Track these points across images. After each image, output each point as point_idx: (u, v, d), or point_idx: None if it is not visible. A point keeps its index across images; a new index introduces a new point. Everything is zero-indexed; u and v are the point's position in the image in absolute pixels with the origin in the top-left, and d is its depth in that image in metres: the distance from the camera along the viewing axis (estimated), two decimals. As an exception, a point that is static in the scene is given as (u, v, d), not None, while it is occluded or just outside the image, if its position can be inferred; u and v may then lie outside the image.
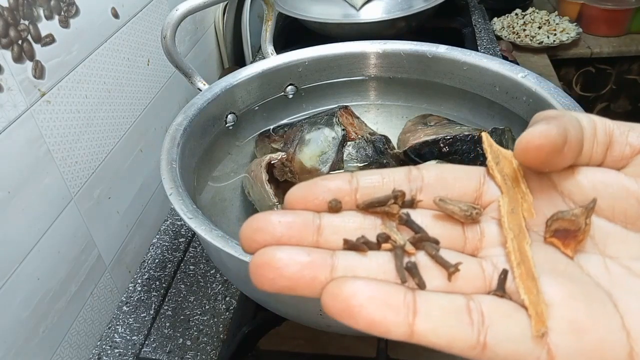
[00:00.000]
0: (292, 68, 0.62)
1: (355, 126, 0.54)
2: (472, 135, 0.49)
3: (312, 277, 0.18)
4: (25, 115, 0.49)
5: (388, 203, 0.20)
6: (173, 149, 0.47)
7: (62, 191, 0.55)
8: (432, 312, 0.17)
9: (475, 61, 0.57)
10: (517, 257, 0.19)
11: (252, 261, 0.18)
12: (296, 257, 0.18)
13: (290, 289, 0.18)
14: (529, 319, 0.17)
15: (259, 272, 0.18)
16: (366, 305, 0.16)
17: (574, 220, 0.19)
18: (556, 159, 0.19)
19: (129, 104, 0.67)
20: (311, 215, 0.19)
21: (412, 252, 0.19)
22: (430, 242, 0.19)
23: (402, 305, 0.17)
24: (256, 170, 0.50)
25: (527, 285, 0.18)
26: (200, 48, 0.92)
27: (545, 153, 0.19)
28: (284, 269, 0.17)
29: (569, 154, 0.19)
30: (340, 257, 0.18)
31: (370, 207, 0.20)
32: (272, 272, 0.17)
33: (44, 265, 0.52)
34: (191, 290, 0.59)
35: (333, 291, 0.17)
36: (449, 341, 0.17)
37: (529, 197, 0.20)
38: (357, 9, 0.93)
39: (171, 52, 0.55)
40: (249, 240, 0.18)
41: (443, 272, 0.19)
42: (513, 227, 0.20)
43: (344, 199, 0.20)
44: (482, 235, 0.20)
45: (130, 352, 0.54)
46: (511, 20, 1.51)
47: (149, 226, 0.72)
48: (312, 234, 0.19)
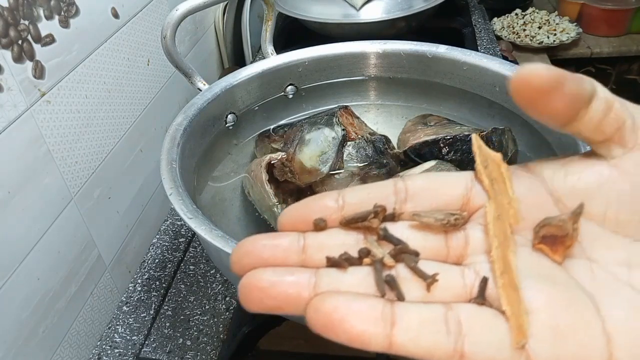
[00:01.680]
0: (292, 68, 0.62)
1: (355, 126, 0.54)
2: (472, 135, 0.49)
3: (297, 296, 0.18)
4: (25, 115, 0.49)
5: (368, 218, 0.20)
6: (173, 149, 0.47)
7: (62, 191, 0.55)
8: (410, 323, 0.17)
9: (475, 61, 0.57)
10: (500, 266, 0.19)
11: (241, 284, 0.19)
12: (280, 278, 0.18)
13: (277, 308, 0.18)
14: (508, 327, 0.17)
15: (247, 293, 0.18)
16: (346, 319, 0.17)
17: (562, 226, 0.19)
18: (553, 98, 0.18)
19: (129, 104, 0.67)
20: (296, 235, 0.20)
21: (392, 265, 0.19)
22: (409, 254, 0.20)
23: (380, 318, 0.17)
24: (256, 170, 0.50)
25: (509, 295, 0.18)
26: (200, 48, 0.92)
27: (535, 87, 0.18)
28: (270, 290, 0.18)
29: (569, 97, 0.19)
30: (323, 274, 0.19)
31: (352, 223, 0.20)
32: (259, 293, 0.18)
33: (44, 265, 0.52)
34: (191, 290, 0.59)
35: (315, 307, 0.17)
36: (427, 351, 0.17)
37: (515, 203, 0.20)
38: (357, 9, 0.93)
39: (171, 52, 0.55)
40: (239, 264, 0.19)
41: (422, 283, 0.19)
42: (498, 234, 0.20)
43: (331, 217, 0.21)
44: (466, 242, 0.20)
45: (130, 352, 0.54)
46: (511, 20, 1.51)
47: (149, 226, 0.72)
48: (296, 254, 0.20)
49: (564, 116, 0.19)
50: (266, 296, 0.18)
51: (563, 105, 0.19)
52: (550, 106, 0.19)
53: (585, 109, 0.19)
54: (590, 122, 0.20)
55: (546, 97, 0.18)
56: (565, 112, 0.19)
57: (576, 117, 0.19)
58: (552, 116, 0.19)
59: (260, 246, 0.19)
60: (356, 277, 0.19)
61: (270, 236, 0.20)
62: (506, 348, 0.17)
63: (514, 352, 0.17)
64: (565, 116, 0.19)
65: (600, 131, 0.20)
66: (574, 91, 0.19)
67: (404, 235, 0.20)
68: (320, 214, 0.21)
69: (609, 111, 0.20)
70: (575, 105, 0.19)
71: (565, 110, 0.19)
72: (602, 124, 0.20)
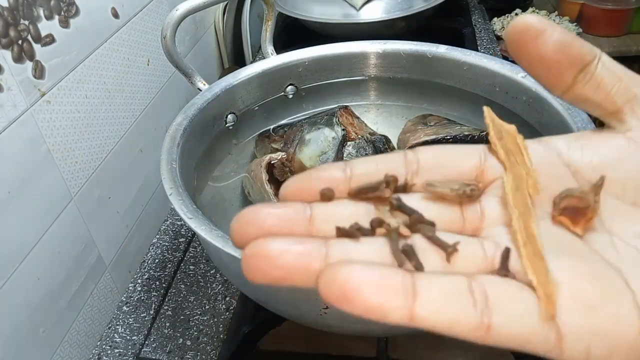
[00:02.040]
0: (292, 68, 0.62)
1: (355, 126, 0.54)
2: (472, 135, 0.49)
3: (306, 266, 0.17)
4: (25, 115, 0.49)
5: (380, 188, 0.19)
6: (173, 149, 0.47)
7: (62, 191, 0.55)
8: (433, 294, 0.16)
9: (475, 61, 0.57)
10: (523, 236, 0.18)
11: (245, 254, 0.18)
12: (289, 247, 0.17)
13: (284, 279, 0.17)
14: (536, 299, 0.17)
15: (252, 263, 0.17)
16: (363, 289, 0.16)
17: (583, 198, 0.18)
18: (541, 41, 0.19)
19: (129, 104, 0.67)
20: (302, 205, 0.19)
21: (407, 235, 0.18)
22: (425, 224, 0.19)
23: (400, 288, 0.16)
24: (256, 170, 0.50)
25: (534, 265, 0.17)
26: (200, 48, 0.92)
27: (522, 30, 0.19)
28: (277, 259, 0.17)
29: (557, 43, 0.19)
30: (334, 244, 0.18)
31: (362, 193, 0.19)
32: (265, 263, 0.17)
33: (44, 265, 0.52)
34: (191, 290, 0.59)
35: (328, 277, 0.16)
36: (450, 323, 0.16)
37: (534, 173, 0.20)
38: (357, 9, 0.93)
39: (171, 52, 0.55)
40: (240, 234, 0.18)
41: (441, 254, 0.18)
42: (518, 205, 0.19)
43: (338, 188, 0.20)
44: (482, 214, 0.20)
45: (130, 352, 0.54)
46: (511, 20, 1.51)
47: (149, 226, 0.72)
48: (303, 224, 0.19)
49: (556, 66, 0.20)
50: (273, 266, 0.17)
51: (552, 50, 0.19)
52: (539, 49, 0.19)
53: (586, 70, 0.20)
54: (598, 89, 0.20)
55: (534, 41, 0.19)
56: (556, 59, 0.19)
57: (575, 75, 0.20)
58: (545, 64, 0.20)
59: (264, 215, 0.18)
60: (370, 248, 0.18)
61: (274, 205, 0.19)
62: (535, 320, 0.16)
63: (543, 324, 0.16)
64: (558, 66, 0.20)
65: (611, 101, 0.20)
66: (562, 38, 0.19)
67: (416, 206, 0.19)
68: (327, 185, 0.19)
69: (619, 80, 0.20)
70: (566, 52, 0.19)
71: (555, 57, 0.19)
72: (612, 93, 0.20)
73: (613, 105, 0.20)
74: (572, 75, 0.20)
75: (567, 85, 0.20)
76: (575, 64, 0.20)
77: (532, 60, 0.20)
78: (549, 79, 0.20)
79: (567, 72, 0.20)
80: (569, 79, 0.20)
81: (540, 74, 0.20)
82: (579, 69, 0.20)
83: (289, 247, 0.17)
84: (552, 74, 0.20)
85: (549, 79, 0.20)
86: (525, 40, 0.19)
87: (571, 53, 0.20)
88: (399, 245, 0.18)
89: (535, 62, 0.20)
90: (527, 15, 0.20)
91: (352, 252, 0.18)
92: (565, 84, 0.20)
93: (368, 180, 0.20)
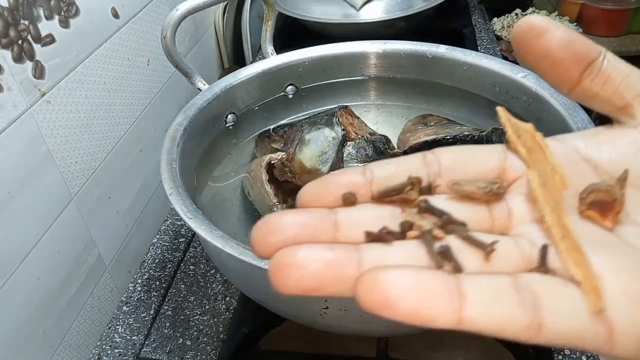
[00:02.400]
0: (292, 68, 0.62)
1: (355, 126, 0.54)
2: (472, 135, 0.49)
3: (340, 274, 0.16)
4: (25, 115, 0.49)
5: (405, 190, 0.19)
6: (173, 149, 0.47)
7: (62, 191, 0.55)
8: (480, 295, 0.16)
9: (475, 61, 0.57)
10: (558, 232, 0.18)
11: (272, 264, 0.17)
12: (319, 254, 0.17)
13: (316, 289, 0.16)
14: (581, 294, 0.16)
15: (281, 274, 0.16)
16: (406, 295, 0.15)
17: (610, 191, 0.18)
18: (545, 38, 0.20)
19: (129, 104, 0.67)
20: (325, 211, 0.18)
21: (441, 237, 0.18)
22: (457, 224, 0.18)
23: (445, 291, 0.16)
24: (256, 170, 0.50)
25: (575, 259, 0.17)
26: (200, 48, 0.92)
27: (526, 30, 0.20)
28: (308, 268, 0.16)
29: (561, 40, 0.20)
30: (366, 250, 0.17)
31: (386, 196, 0.19)
32: (295, 272, 0.16)
33: (44, 265, 0.52)
34: (191, 290, 0.59)
35: (368, 283, 0.16)
36: (501, 325, 0.16)
37: (559, 169, 0.19)
38: (357, 9, 0.93)
39: (171, 52, 0.55)
40: (263, 244, 0.17)
41: (477, 254, 0.18)
42: (548, 201, 0.19)
43: (359, 192, 0.19)
44: (510, 212, 0.20)
45: (130, 352, 0.54)
46: (511, 20, 1.51)
47: (149, 226, 0.72)
48: (329, 230, 0.18)
49: (562, 62, 0.20)
50: (304, 276, 0.16)
51: (557, 46, 0.20)
52: (544, 46, 0.20)
53: (592, 66, 0.20)
54: (606, 84, 0.20)
55: (539, 39, 0.20)
56: (562, 55, 0.20)
57: (582, 71, 0.20)
58: (551, 61, 0.20)
59: (287, 222, 0.17)
60: (404, 251, 0.17)
61: (296, 211, 0.18)
62: (584, 315, 0.16)
63: (593, 319, 0.16)
64: (564, 63, 0.20)
65: (620, 95, 0.20)
66: (566, 35, 0.20)
67: (443, 207, 0.19)
68: (347, 189, 0.19)
69: (626, 76, 0.20)
70: (570, 48, 0.20)
71: (560, 53, 0.20)
72: (621, 88, 0.20)
73: (622, 100, 0.20)
74: (578, 71, 0.20)
75: (574, 81, 0.20)
76: (580, 60, 0.20)
77: (537, 58, 0.20)
78: (556, 76, 0.21)
79: (573, 68, 0.20)
80: (575, 75, 0.20)
81: (547, 72, 0.21)
82: (585, 65, 0.20)
83: (319, 254, 0.17)
84: (559, 71, 0.20)
85: (556, 76, 0.21)
86: (530, 38, 0.20)
87: (576, 49, 0.20)
88: (434, 247, 0.17)
89: (541, 59, 0.20)
90: (531, 16, 0.20)
91: (386, 257, 0.17)
92: (572, 80, 0.20)
93: (389, 183, 0.19)
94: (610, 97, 0.20)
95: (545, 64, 0.20)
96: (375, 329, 0.42)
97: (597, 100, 0.21)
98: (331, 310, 0.39)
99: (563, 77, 0.20)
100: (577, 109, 0.46)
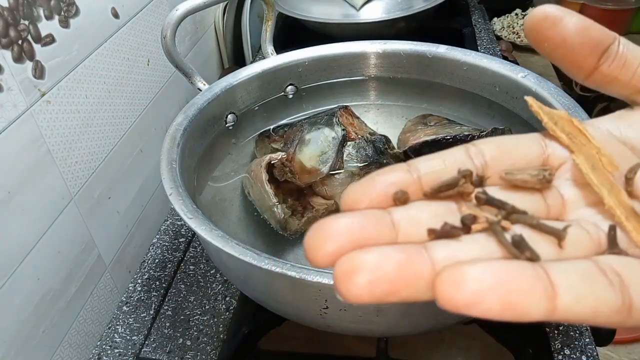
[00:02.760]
0: (292, 68, 0.62)
1: (355, 126, 0.54)
2: (472, 135, 0.49)
3: (414, 275, 0.15)
4: (25, 115, 0.49)
5: (460, 183, 0.18)
6: (173, 149, 0.47)
7: (62, 191, 0.55)
8: (570, 281, 0.15)
9: (475, 61, 0.57)
10: (621, 212, 0.18)
11: (337, 272, 0.15)
12: (390, 257, 0.15)
13: (391, 294, 0.15)
14: None
15: (349, 282, 0.15)
16: (495, 289, 0.14)
17: None
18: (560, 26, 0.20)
19: (129, 104, 0.67)
20: (379, 211, 0.17)
21: (509, 227, 0.17)
22: (520, 214, 0.18)
23: (536, 281, 0.15)
24: (256, 170, 0.50)
25: None
26: (200, 48, 0.92)
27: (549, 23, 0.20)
28: (381, 271, 0.15)
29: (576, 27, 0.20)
30: (434, 247, 0.16)
31: (440, 191, 0.18)
32: (367, 277, 0.15)
33: (44, 265, 0.52)
34: (191, 290, 0.59)
35: (451, 282, 0.15)
36: (594, 309, 0.15)
37: (605, 151, 0.19)
38: (357, 9, 0.93)
39: (171, 52, 0.55)
40: (320, 252, 0.16)
41: (548, 241, 0.17)
42: (604, 183, 0.18)
43: (408, 190, 0.18)
44: (562, 199, 0.19)
45: (130, 352, 0.54)
46: (511, 20, 1.51)
47: (149, 226, 0.72)
48: (388, 231, 0.17)
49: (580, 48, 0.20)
50: (376, 280, 0.15)
51: (574, 33, 0.20)
52: (561, 34, 0.20)
53: (609, 51, 0.20)
54: (624, 68, 0.20)
55: (555, 27, 0.20)
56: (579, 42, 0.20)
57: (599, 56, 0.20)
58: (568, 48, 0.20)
59: (343, 226, 0.16)
60: (475, 245, 0.17)
61: (350, 215, 0.17)
62: None
63: None
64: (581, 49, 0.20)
65: (639, 78, 0.20)
66: (581, 21, 0.20)
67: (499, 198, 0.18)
68: (394, 188, 0.18)
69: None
70: (587, 35, 0.20)
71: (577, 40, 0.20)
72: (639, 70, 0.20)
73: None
74: (596, 57, 0.20)
75: (591, 67, 0.21)
76: (597, 45, 0.20)
77: (554, 46, 0.20)
78: (573, 63, 0.21)
79: (590, 54, 0.20)
80: (593, 61, 0.20)
81: (564, 59, 0.21)
82: (601, 51, 0.20)
83: (390, 256, 0.15)
84: (576, 57, 0.20)
85: (573, 63, 0.21)
86: (545, 27, 0.20)
87: (592, 35, 0.20)
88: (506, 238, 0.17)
89: (558, 47, 0.20)
90: (544, 5, 0.20)
91: (458, 253, 0.16)
92: (590, 66, 0.21)
93: (438, 178, 0.18)
94: (630, 80, 0.21)
95: (562, 51, 0.20)
96: (375, 329, 0.42)
97: (616, 84, 0.21)
98: (331, 310, 0.39)
99: (581, 64, 0.21)
100: (578, 108, 0.46)
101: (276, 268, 0.35)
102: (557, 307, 0.15)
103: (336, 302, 0.38)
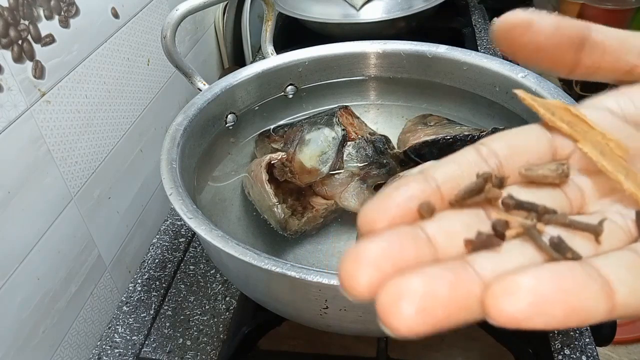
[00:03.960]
0: (292, 68, 0.62)
1: (355, 126, 0.54)
2: (472, 135, 0.49)
3: (466, 295, 0.14)
4: (25, 115, 0.49)
5: (485, 189, 0.17)
6: (173, 149, 0.47)
7: (62, 191, 0.55)
8: (620, 275, 0.15)
9: (475, 61, 0.57)
10: None
11: (382, 303, 0.14)
12: (438, 279, 0.14)
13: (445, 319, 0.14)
14: None
15: (399, 312, 0.14)
16: (554, 297, 0.14)
17: None
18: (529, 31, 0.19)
19: (129, 104, 0.67)
20: (410, 228, 0.16)
21: (543, 230, 0.17)
22: (550, 213, 0.17)
23: (591, 282, 0.14)
24: (256, 170, 0.50)
25: None
26: (200, 48, 0.92)
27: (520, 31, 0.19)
28: (432, 297, 0.14)
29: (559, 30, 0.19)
30: (474, 261, 0.15)
31: (466, 199, 0.17)
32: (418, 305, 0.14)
33: (44, 265, 0.52)
34: (191, 290, 0.59)
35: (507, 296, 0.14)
36: None
37: (610, 135, 0.19)
38: (357, 9, 0.93)
39: (171, 52, 0.55)
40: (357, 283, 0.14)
41: (583, 237, 0.17)
42: (618, 169, 0.18)
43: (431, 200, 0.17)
44: (580, 190, 0.19)
45: (130, 352, 0.54)
46: (511, 20, 1.51)
47: (149, 226, 0.72)
48: (428, 249, 0.16)
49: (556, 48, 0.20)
50: (429, 307, 0.14)
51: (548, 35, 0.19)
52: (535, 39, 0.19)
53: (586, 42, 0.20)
54: (605, 53, 0.20)
55: (527, 34, 0.19)
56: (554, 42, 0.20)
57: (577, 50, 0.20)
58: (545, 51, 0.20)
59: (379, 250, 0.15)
60: (515, 253, 0.16)
61: (384, 236, 0.15)
62: None
63: None
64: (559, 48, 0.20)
65: (623, 60, 0.20)
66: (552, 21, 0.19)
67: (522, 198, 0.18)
68: (417, 200, 0.17)
69: (622, 40, 0.20)
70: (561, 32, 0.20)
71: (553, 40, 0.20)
72: (622, 53, 0.20)
73: (626, 64, 0.20)
74: (574, 52, 0.20)
75: (572, 62, 0.20)
76: (573, 41, 0.20)
77: (530, 52, 0.20)
78: (553, 63, 0.20)
79: (568, 51, 0.20)
80: (572, 57, 0.20)
81: (543, 62, 0.20)
82: (579, 44, 0.20)
83: (438, 279, 0.14)
84: (555, 57, 0.20)
85: (553, 63, 0.20)
86: (517, 35, 0.19)
87: (566, 32, 0.20)
88: (543, 241, 0.16)
89: (534, 52, 0.20)
90: (508, 13, 0.19)
91: (503, 264, 0.15)
92: (570, 62, 0.20)
93: (458, 185, 0.17)
94: (614, 65, 0.20)
95: (539, 55, 0.20)
96: (375, 329, 0.42)
97: (602, 72, 0.21)
98: (331, 310, 0.39)
99: (561, 62, 0.20)
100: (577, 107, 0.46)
101: (276, 268, 0.35)
102: (615, 305, 0.14)
103: (336, 302, 0.38)
